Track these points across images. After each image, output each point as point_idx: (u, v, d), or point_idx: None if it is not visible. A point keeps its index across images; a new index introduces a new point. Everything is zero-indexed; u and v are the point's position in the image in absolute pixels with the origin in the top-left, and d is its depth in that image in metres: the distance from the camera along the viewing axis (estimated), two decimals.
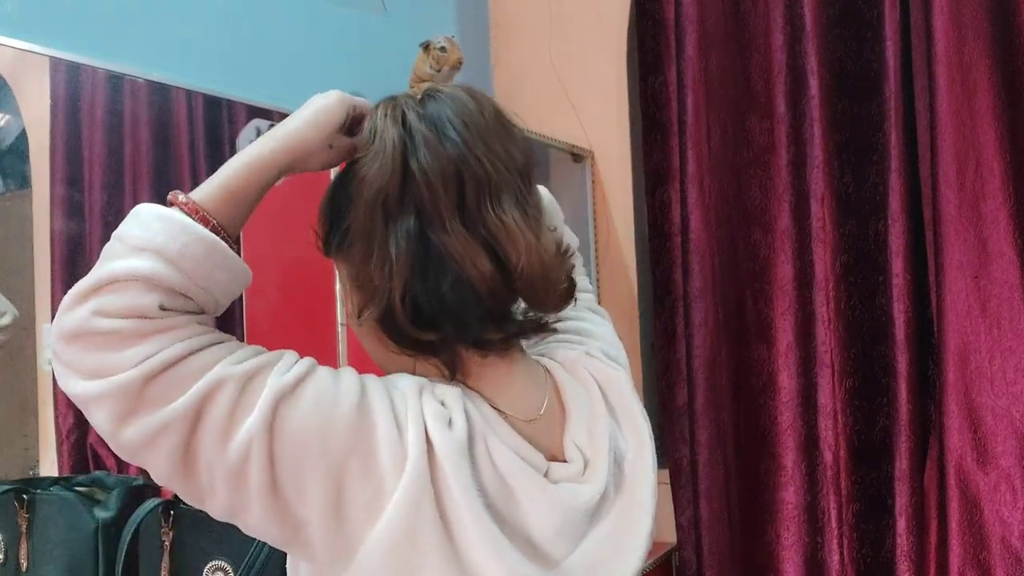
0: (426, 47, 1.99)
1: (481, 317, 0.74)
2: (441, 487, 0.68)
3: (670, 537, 2.18)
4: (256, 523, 0.68)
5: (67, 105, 1.59)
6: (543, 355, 0.87)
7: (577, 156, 2.36)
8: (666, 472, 2.18)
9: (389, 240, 0.73)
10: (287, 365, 0.69)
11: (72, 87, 1.58)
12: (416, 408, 0.71)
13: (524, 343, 0.82)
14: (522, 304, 0.78)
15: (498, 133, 0.77)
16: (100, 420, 0.66)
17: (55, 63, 1.50)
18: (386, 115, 0.77)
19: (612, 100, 2.35)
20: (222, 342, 0.69)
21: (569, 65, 2.41)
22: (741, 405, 2.08)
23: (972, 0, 1.79)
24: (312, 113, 0.76)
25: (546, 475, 0.75)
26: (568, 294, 0.80)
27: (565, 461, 0.79)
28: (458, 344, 0.76)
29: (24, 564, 1.20)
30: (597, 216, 2.37)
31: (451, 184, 0.73)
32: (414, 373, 0.78)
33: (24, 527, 1.20)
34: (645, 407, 0.90)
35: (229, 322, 1.83)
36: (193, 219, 0.69)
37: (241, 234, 0.76)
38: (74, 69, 1.53)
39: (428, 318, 0.74)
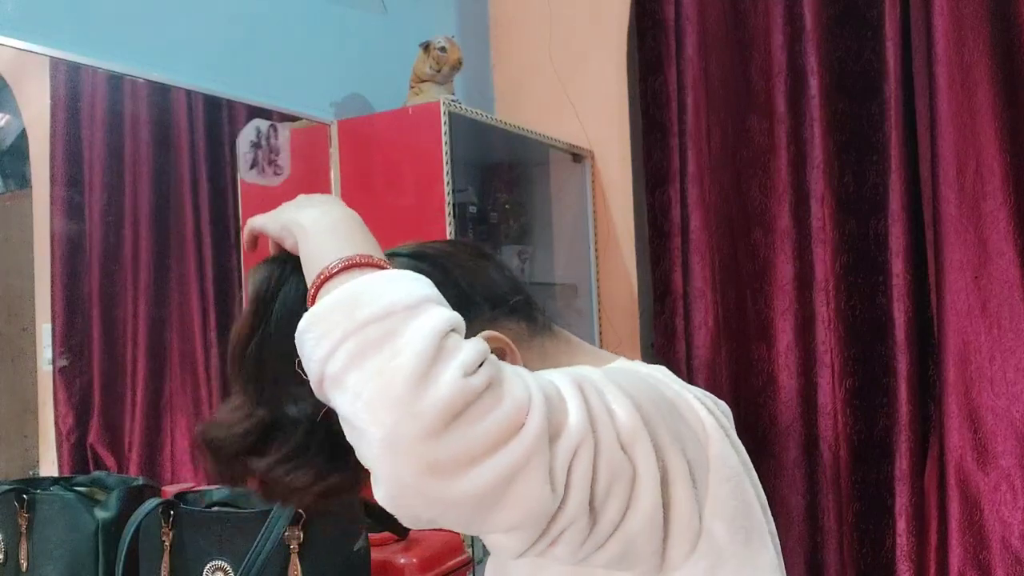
0: (426, 47, 2.00)
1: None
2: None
3: None
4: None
5: (67, 105, 1.59)
6: None
7: (577, 156, 2.36)
8: None
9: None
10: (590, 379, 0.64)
11: (72, 87, 1.58)
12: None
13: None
14: None
15: None
16: (533, 488, 0.55)
17: (55, 63, 1.50)
18: None
19: (612, 100, 2.35)
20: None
21: (569, 65, 2.40)
22: (741, 405, 2.08)
23: (972, 0, 1.80)
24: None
25: None
26: None
27: None
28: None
29: (24, 564, 1.19)
30: (597, 216, 2.37)
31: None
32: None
33: (24, 527, 1.20)
34: None
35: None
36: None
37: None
38: (74, 69, 1.53)
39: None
